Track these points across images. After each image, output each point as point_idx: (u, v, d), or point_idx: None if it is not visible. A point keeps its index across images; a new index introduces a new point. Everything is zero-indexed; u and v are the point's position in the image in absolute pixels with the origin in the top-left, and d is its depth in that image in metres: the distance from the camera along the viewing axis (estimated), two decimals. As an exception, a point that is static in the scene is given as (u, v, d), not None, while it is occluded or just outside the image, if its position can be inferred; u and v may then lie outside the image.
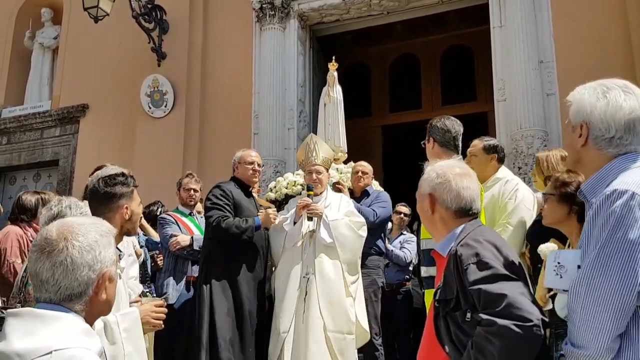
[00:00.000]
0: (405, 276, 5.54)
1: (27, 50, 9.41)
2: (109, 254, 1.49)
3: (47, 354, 1.29)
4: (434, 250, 2.03)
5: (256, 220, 3.98)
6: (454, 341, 1.75)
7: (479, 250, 1.77)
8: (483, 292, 1.67)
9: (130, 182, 2.45)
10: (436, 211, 1.99)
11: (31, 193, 4.19)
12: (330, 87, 5.97)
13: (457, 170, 2.01)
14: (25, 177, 9.06)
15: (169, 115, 7.74)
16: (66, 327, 1.37)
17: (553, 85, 6.33)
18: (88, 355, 1.33)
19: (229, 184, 4.21)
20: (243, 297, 3.88)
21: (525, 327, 1.59)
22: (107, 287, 1.48)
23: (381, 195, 4.69)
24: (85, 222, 1.52)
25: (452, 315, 1.77)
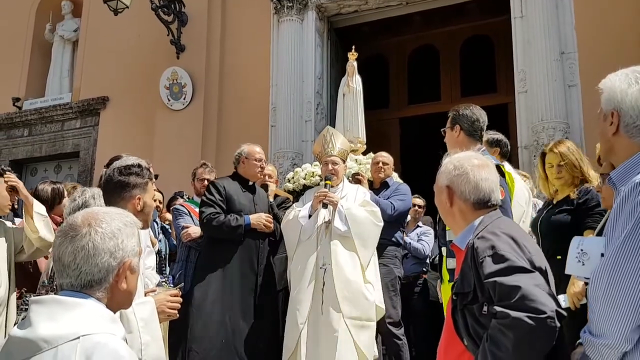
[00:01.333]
0: (422, 269, 5.52)
1: (48, 43, 9.51)
2: (131, 243, 1.51)
3: (74, 340, 1.31)
4: (453, 243, 2.01)
5: (246, 219, 4.02)
6: (471, 334, 1.74)
7: (495, 242, 1.75)
8: (498, 285, 1.66)
9: (146, 173, 2.46)
10: (454, 203, 1.97)
11: (47, 184, 4.22)
12: (350, 77, 5.93)
13: (475, 162, 1.99)
14: (47, 169, 9.18)
15: (187, 107, 7.78)
16: (89, 313, 1.39)
17: (575, 77, 6.23)
18: (114, 340, 1.34)
19: (225, 180, 4.25)
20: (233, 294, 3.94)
21: (539, 318, 1.58)
22: (127, 277, 1.50)
23: (401, 187, 4.65)
24: (110, 211, 1.55)
25: (469, 308, 1.76)
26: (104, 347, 1.31)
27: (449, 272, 3.13)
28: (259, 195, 4.31)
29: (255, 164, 4.23)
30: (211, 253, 4.09)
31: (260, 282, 4.04)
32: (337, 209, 3.92)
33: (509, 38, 6.86)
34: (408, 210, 4.78)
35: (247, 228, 4.03)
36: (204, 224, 4.06)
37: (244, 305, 3.94)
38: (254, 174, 4.27)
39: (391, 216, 4.29)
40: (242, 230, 4.01)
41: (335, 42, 8.12)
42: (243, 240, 4.04)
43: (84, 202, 2.73)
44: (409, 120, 9.21)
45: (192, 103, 7.76)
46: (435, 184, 2.07)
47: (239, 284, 3.97)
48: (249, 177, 4.28)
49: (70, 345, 1.30)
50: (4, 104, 9.09)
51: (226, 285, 3.95)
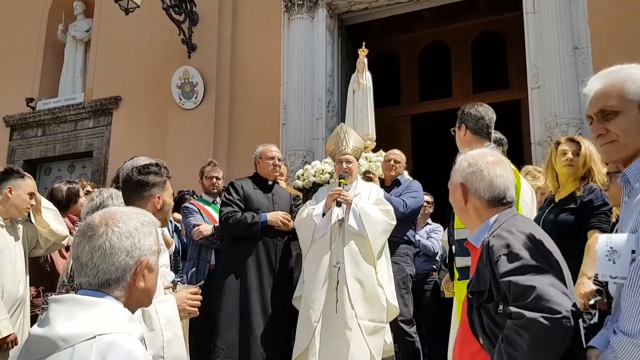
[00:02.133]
0: (432, 266, 5.49)
1: (60, 43, 9.57)
2: (148, 242, 1.52)
3: (90, 339, 1.32)
4: (468, 242, 1.99)
5: (262, 216, 4.10)
6: (487, 333, 1.73)
7: (510, 241, 1.73)
8: (513, 284, 1.64)
9: (164, 172, 2.49)
10: (469, 201, 1.95)
11: (63, 183, 4.27)
12: (360, 73, 5.91)
13: (489, 159, 1.97)
14: (60, 168, 9.25)
15: (199, 106, 7.81)
16: (107, 312, 1.41)
17: (588, 72, 6.15)
18: (129, 340, 1.35)
19: (243, 180, 4.37)
20: (251, 291, 4.00)
21: (554, 319, 1.56)
22: (145, 276, 1.51)
23: (412, 185, 4.63)
24: (128, 211, 1.57)
25: (485, 307, 1.75)
26: (119, 347, 1.32)
27: (459, 271, 3.13)
28: (278, 194, 4.38)
29: (268, 162, 4.33)
30: (230, 251, 4.18)
31: (277, 279, 4.08)
32: (352, 207, 3.91)
33: (520, 34, 6.80)
34: (420, 208, 4.76)
35: (264, 225, 4.09)
36: (222, 222, 4.17)
37: (263, 302, 3.99)
38: (269, 172, 4.36)
39: (403, 214, 4.28)
40: (259, 227, 4.07)
41: (346, 40, 8.10)
42: (260, 238, 4.08)
43: (102, 202, 2.76)
44: (420, 117, 9.17)
45: (204, 102, 7.79)
46: (449, 181, 2.05)
47: (257, 281, 4.03)
48: (265, 176, 4.39)
49: (87, 344, 1.32)
50: (18, 105, 9.17)
51: (245, 283, 4.02)
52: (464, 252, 3.11)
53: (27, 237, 3.53)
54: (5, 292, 3.22)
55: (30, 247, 3.55)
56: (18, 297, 3.31)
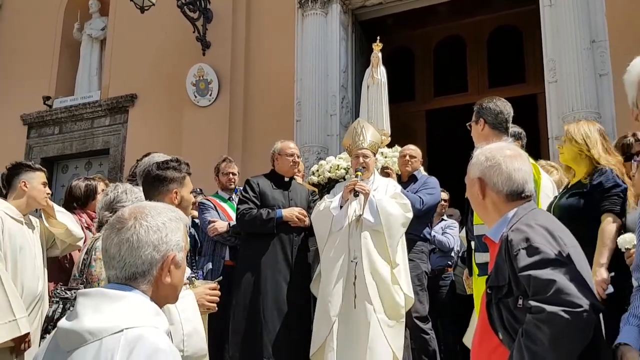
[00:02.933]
0: (447, 262, 5.47)
1: (76, 41, 9.64)
2: (175, 238, 1.53)
3: (118, 332, 1.33)
4: (486, 236, 1.97)
5: (277, 212, 4.10)
6: (507, 328, 1.72)
7: (529, 234, 1.72)
8: (532, 278, 1.63)
9: (183, 168, 2.51)
10: (487, 196, 1.93)
11: (81, 180, 4.31)
12: (374, 68, 5.88)
13: (507, 152, 1.95)
14: (77, 166, 9.34)
15: (214, 103, 7.83)
16: (133, 305, 1.42)
17: (606, 66, 6.08)
18: (156, 334, 1.36)
19: (259, 177, 4.38)
20: (267, 288, 4.02)
21: (575, 312, 1.55)
22: (172, 272, 1.52)
23: (429, 181, 4.59)
24: (157, 206, 1.59)
25: (504, 302, 1.74)
26: (145, 341, 1.33)
27: (478, 267, 3.10)
28: (295, 191, 4.38)
29: (287, 159, 4.33)
30: (247, 248, 4.21)
31: (294, 275, 4.09)
32: (369, 199, 3.89)
33: (537, 28, 6.73)
34: (437, 205, 4.72)
35: (280, 221, 4.10)
36: (238, 220, 4.20)
37: (278, 299, 4.00)
38: (288, 169, 4.36)
39: (420, 210, 4.24)
40: (274, 224, 4.08)
41: (360, 35, 8.07)
42: (277, 234, 4.09)
43: (116, 196, 2.79)
44: (435, 113, 9.11)
45: (218, 99, 7.81)
46: (466, 176, 2.03)
47: (273, 277, 4.04)
48: (283, 173, 4.38)
49: (114, 338, 1.33)
50: (35, 103, 9.27)
51: (260, 279, 4.03)
52: (483, 248, 3.09)
53: (45, 234, 3.57)
54: (25, 288, 3.27)
55: (47, 246, 3.59)
56: (37, 293, 3.35)
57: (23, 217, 3.42)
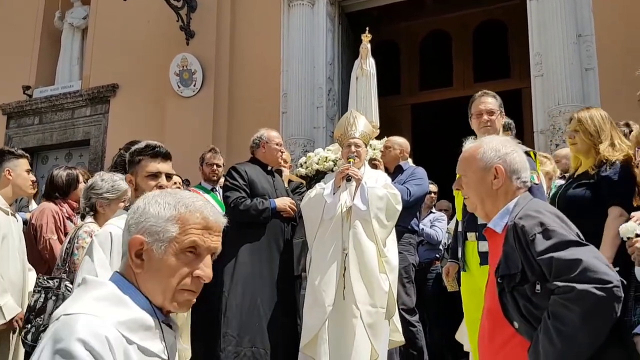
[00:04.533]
0: (435, 255, 5.46)
1: (57, 30, 9.47)
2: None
3: (57, 319, 1.28)
4: (487, 228, 1.95)
5: (271, 202, 4.03)
6: (524, 316, 1.70)
7: (543, 219, 1.71)
8: (555, 260, 1.62)
9: (146, 151, 2.40)
10: (504, 184, 1.92)
11: (62, 169, 4.20)
12: (363, 59, 5.82)
13: (513, 142, 2.00)
14: (57, 157, 9.17)
15: (198, 94, 7.72)
16: (98, 293, 1.34)
17: (592, 60, 6.11)
18: (84, 321, 1.25)
19: (246, 164, 4.25)
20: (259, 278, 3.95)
21: (606, 288, 1.54)
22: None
23: (417, 171, 4.55)
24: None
25: (519, 290, 1.71)
26: (67, 326, 1.24)
27: (481, 255, 3.08)
28: (277, 180, 4.31)
29: (276, 148, 4.23)
30: (238, 238, 4.04)
31: (285, 266, 4.04)
32: (360, 185, 3.83)
33: (523, 22, 6.73)
34: (425, 196, 4.69)
35: (273, 212, 4.02)
36: (231, 209, 4.02)
37: (272, 288, 3.95)
38: (275, 159, 4.26)
39: (408, 202, 4.20)
40: (269, 214, 4.00)
41: (347, 27, 8.01)
42: (269, 224, 4.03)
43: (93, 183, 2.73)
44: (421, 107, 9.11)
45: (203, 90, 7.70)
46: (471, 166, 1.98)
47: (267, 267, 3.97)
48: (269, 162, 4.27)
49: (52, 324, 1.28)
50: (15, 93, 9.07)
51: (255, 269, 3.95)
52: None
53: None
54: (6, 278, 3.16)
55: None
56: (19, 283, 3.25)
57: (9, 208, 3.32)
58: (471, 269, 3.24)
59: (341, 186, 3.84)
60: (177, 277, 1.40)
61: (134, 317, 1.33)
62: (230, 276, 3.98)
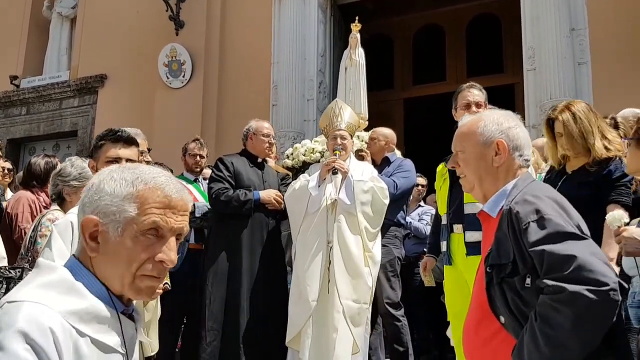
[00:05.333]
0: (422, 249, 5.36)
1: (46, 20, 9.35)
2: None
3: (0, 306, 1.15)
4: (481, 212, 1.79)
5: (255, 194, 3.95)
6: (512, 311, 1.53)
7: (539, 206, 1.53)
8: (547, 254, 1.44)
9: (121, 137, 2.30)
10: (506, 160, 1.74)
11: (40, 157, 4.10)
12: (352, 49, 5.71)
13: (515, 116, 1.84)
14: (45, 148, 9.04)
15: (187, 85, 7.62)
16: (47, 279, 1.21)
17: (585, 54, 6.05)
18: (26, 310, 1.13)
19: (233, 156, 4.20)
20: (242, 272, 3.86)
21: (601, 291, 1.36)
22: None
23: (404, 164, 4.45)
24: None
25: (508, 282, 1.54)
26: (7, 315, 1.12)
27: (468, 246, 3.00)
28: (268, 172, 4.23)
29: (263, 139, 4.16)
30: (221, 230, 4.03)
31: (268, 259, 3.95)
32: (347, 178, 3.74)
33: (516, 16, 6.66)
34: (412, 188, 4.59)
35: (257, 203, 3.94)
36: (213, 200, 4.00)
37: (256, 281, 3.86)
38: (262, 150, 4.20)
39: (394, 194, 4.10)
40: (252, 205, 3.92)
41: (339, 19, 7.91)
42: (252, 216, 3.94)
43: (61, 169, 2.63)
44: (414, 101, 9.02)
45: (192, 81, 7.60)
46: (471, 141, 1.80)
47: (249, 260, 3.88)
48: (257, 153, 4.21)
49: None
50: (2, 83, 8.97)
51: (237, 263, 3.88)
52: (473, 226, 2.97)
53: None
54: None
55: None
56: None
57: None
58: (456, 261, 3.15)
59: (326, 178, 3.75)
60: (136, 261, 1.25)
61: (86, 307, 1.20)
62: (213, 269, 3.91)
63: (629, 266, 2.09)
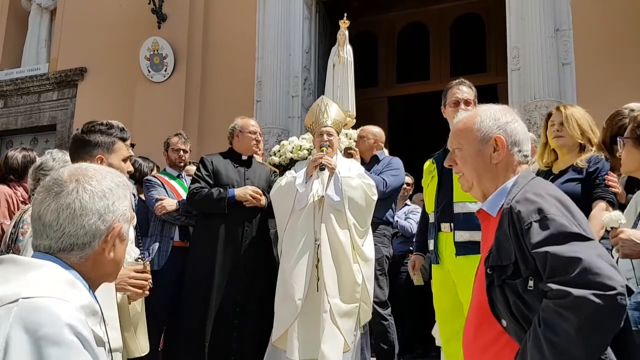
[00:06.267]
0: (409, 248, 5.35)
1: (25, 11, 9.15)
2: (123, 207, 1.33)
3: (13, 302, 1.12)
4: (480, 210, 1.73)
5: (230, 192, 3.92)
6: (514, 314, 1.47)
7: (542, 205, 1.47)
8: (551, 256, 1.38)
9: (114, 132, 2.24)
10: (504, 157, 1.68)
11: (18, 151, 3.99)
12: (341, 46, 5.67)
13: (512, 110, 1.78)
14: (22, 142, 8.85)
15: (169, 79, 7.51)
16: (45, 275, 1.20)
17: (569, 55, 6.08)
18: (60, 306, 1.14)
19: (214, 155, 4.19)
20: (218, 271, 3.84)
21: (607, 296, 1.30)
22: (116, 246, 1.32)
23: (393, 162, 4.42)
24: (102, 169, 1.37)
25: (510, 284, 1.49)
26: (43, 311, 1.11)
27: (458, 246, 2.98)
28: (254, 170, 4.19)
29: (249, 136, 4.14)
30: (200, 228, 4.04)
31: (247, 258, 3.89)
32: (334, 174, 3.69)
33: (501, 17, 6.68)
34: (401, 186, 4.57)
35: (231, 201, 3.90)
36: (188, 199, 4.03)
37: (233, 280, 3.82)
38: (248, 147, 4.17)
39: (383, 193, 4.07)
40: (225, 203, 3.88)
41: (324, 16, 7.86)
42: (228, 214, 3.90)
43: (42, 162, 2.54)
44: (397, 99, 9.01)
45: (174, 75, 7.48)
46: (468, 137, 1.75)
47: (224, 259, 3.84)
48: (244, 151, 4.19)
49: (6, 308, 1.11)
50: (-22, 74, 8.75)
51: (212, 261, 3.83)
52: (462, 226, 2.98)
53: None
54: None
55: None
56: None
57: None
58: (444, 260, 3.13)
59: (313, 175, 3.71)
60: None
61: (88, 302, 1.23)
62: (191, 267, 3.91)
63: (626, 268, 2.08)
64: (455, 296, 3.07)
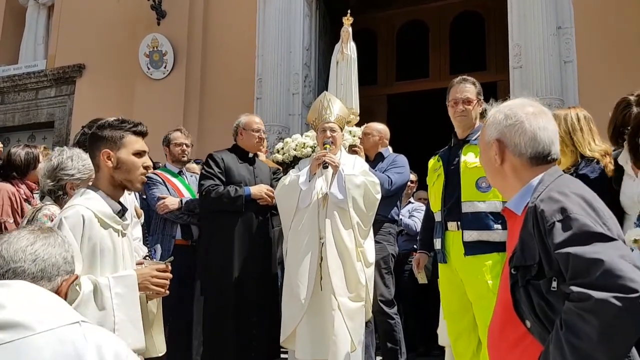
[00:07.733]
0: (413, 246, 5.32)
1: (22, 7, 9.12)
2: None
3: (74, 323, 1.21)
4: (505, 208, 1.71)
5: (246, 190, 3.89)
6: (538, 315, 1.45)
7: (565, 204, 1.44)
8: (573, 257, 1.35)
9: (125, 126, 2.20)
10: (506, 160, 1.67)
11: (21, 148, 3.94)
12: (344, 43, 5.64)
13: (530, 109, 1.69)
14: (20, 139, 8.79)
15: (168, 76, 7.47)
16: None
17: (571, 52, 6.08)
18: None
19: (223, 152, 4.13)
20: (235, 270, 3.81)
21: (629, 299, 1.26)
22: None
23: (398, 159, 4.39)
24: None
25: (534, 285, 1.46)
26: (112, 338, 1.25)
27: (467, 246, 2.96)
28: (259, 167, 4.16)
29: (253, 134, 4.10)
30: (212, 226, 3.95)
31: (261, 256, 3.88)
32: (338, 172, 3.67)
33: (501, 14, 6.66)
34: (406, 184, 4.55)
35: (248, 199, 3.87)
36: (203, 197, 3.93)
37: (247, 278, 3.79)
38: (253, 145, 4.13)
39: (389, 190, 4.04)
40: (243, 201, 3.85)
41: (324, 13, 7.83)
42: (244, 212, 3.86)
43: (60, 162, 2.51)
44: (397, 97, 8.99)
45: (173, 72, 7.45)
46: (480, 140, 1.79)
47: (241, 257, 3.80)
48: (248, 148, 4.15)
49: (72, 329, 1.20)
50: (-25, 71, 8.69)
51: (229, 259, 3.80)
52: (471, 225, 2.97)
53: None
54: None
55: None
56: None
57: None
58: (451, 260, 3.11)
59: (317, 173, 3.68)
60: None
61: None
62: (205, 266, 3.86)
63: None
64: (463, 295, 3.06)
